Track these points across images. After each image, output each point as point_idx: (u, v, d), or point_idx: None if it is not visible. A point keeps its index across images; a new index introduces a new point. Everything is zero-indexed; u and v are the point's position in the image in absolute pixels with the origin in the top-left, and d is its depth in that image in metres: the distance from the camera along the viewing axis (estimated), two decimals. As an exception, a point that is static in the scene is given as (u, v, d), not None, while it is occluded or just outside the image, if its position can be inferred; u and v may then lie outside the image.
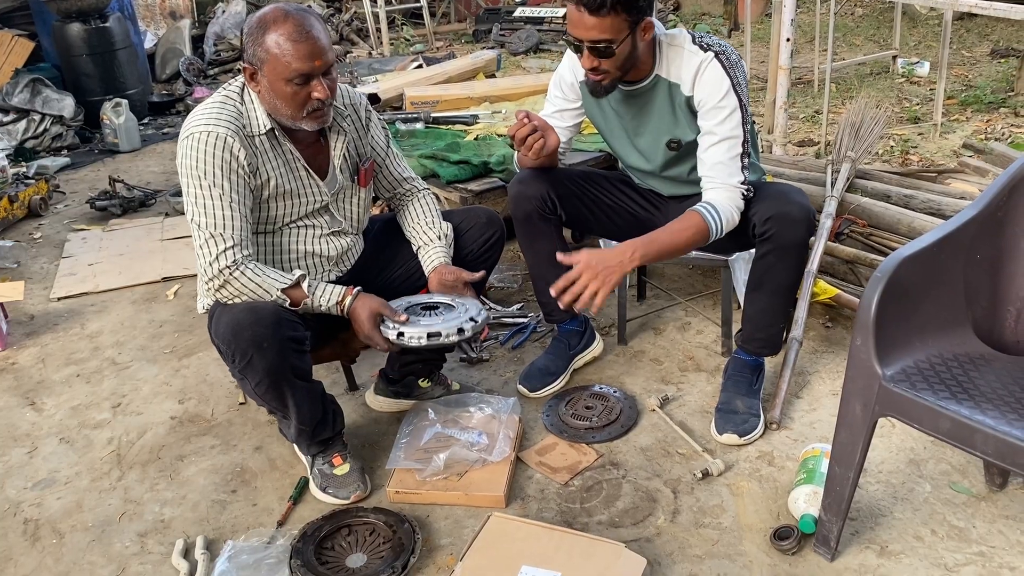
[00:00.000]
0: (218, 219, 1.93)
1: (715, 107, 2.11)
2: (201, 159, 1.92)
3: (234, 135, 1.93)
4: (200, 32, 7.42)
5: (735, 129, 2.11)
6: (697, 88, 2.14)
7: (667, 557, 1.88)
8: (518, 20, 7.67)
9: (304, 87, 1.91)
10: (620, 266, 2.03)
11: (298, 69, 1.88)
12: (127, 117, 5.25)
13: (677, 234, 2.11)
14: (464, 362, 2.68)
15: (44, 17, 5.80)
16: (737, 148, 2.12)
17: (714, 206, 2.12)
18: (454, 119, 3.83)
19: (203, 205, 1.93)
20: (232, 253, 1.92)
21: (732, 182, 2.13)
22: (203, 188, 1.93)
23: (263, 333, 1.88)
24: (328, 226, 2.15)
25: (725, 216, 2.12)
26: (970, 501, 1.97)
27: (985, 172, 3.38)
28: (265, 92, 1.94)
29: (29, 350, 2.97)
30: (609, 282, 2.00)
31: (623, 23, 2.01)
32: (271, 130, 2.00)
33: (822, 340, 2.66)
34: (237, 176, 1.95)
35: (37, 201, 4.23)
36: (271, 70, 1.90)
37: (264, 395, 1.98)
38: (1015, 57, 5.67)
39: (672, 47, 2.16)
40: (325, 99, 1.93)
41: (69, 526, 2.10)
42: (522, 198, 2.35)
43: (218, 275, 1.92)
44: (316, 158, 2.10)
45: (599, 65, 2.09)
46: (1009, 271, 1.84)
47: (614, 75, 2.12)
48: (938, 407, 1.55)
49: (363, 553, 1.92)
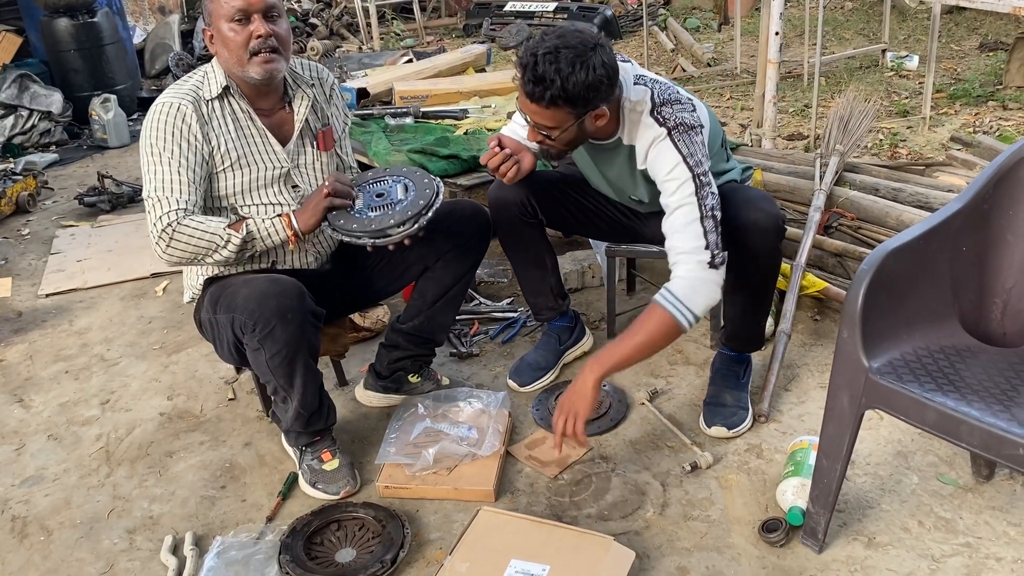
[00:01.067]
0: (165, 183, 1.95)
1: (665, 180, 2.02)
2: (154, 128, 1.97)
3: (189, 103, 1.98)
4: (189, 27, 7.37)
5: (688, 197, 1.98)
6: (649, 163, 2.07)
7: (656, 550, 1.88)
8: (508, 15, 7.66)
9: (245, 26, 1.95)
10: (583, 393, 1.97)
11: (236, 6, 1.93)
12: (116, 113, 5.23)
13: (641, 341, 1.98)
14: (454, 357, 2.68)
15: (32, 12, 5.76)
16: (694, 213, 1.97)
17: (675, 295, 1.96)
18: (444, 114, 3.82)
19: (152, 172, 1.96)
20: (176, 213, 1.93)
21: (692, 247, 1.97)
22: (154, 155, 1.96)
23: (288, 304, 1.91)
24: (293, 198, 2.13)
25: (690, 301, 1.95)
26: (957, 492, 1.98)
27: (973, 165, 3.40)
28: (219, 47, 1.99)
29: (17, 347, 2.96)
30: (583, 409, 1.96)
31: (566, 115, 1.94)
32: (225, 89, 2.03)
33: (810, 333, 2.67)
34: (188, 143, 1.98)
35: (25, 197, 4.21)
36: (216, 17, 1.97)
37: (276, 368, 1.97)
38: (1003, 51, 5.69)
39: (633, 113, 2.06)
40: (266, 36, 1.96)
41: (57, 523, 2.10)
42: (502, 204, 2.34)
43: (163, 234, 1.93)
44: (282, 128, 2.12)
45: (541, 142, 2.04)
46: (995, 263, 1.85)
47: (561, 149, 2.07)
48: (924, 399, 1.56)
49: (352, 548, 1.92)
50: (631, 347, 1.98)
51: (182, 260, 1.97)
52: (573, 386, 2.01)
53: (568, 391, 2.02)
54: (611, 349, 2.01)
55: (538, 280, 2.48)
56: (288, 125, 2.13)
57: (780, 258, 2.21)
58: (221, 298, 2.00)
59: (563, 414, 1.99)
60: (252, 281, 1.96)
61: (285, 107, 2.13)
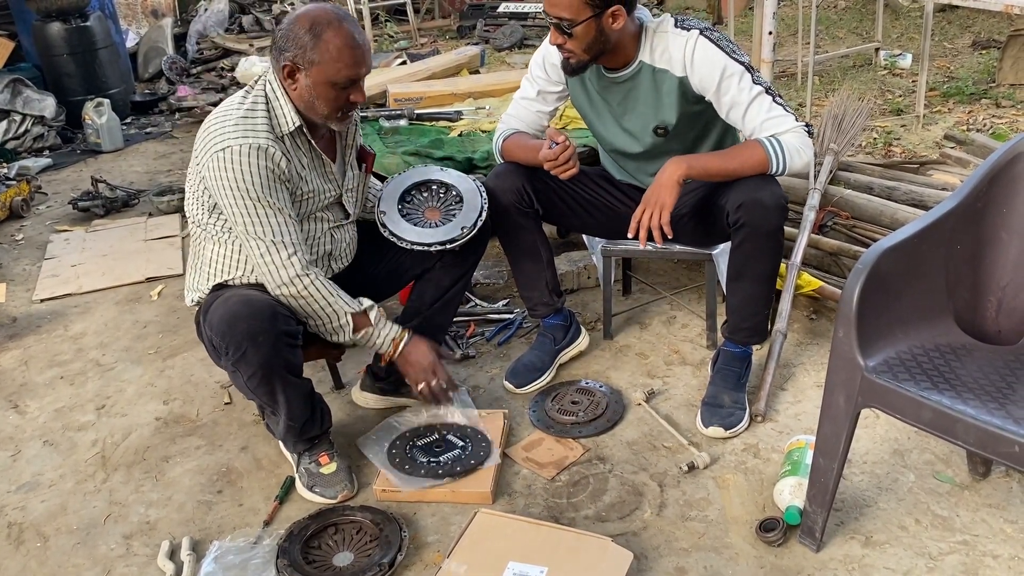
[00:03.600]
0: (275, 227, 1.97)
1: (722, 80, 2.13)
2: (247, 172, 1.93)
3: (274, 144, 1.96)
4: (183, 31, 7.36)
5: (753, 88, 2.13)
6: (692, 70, 2.15)
7: (654, 551, 1.88)
8: (502, 16, 7.65)
9: (346, 91, 1.98)
10: (671, 182, 2.09)
11: (349, 76, 1.95)
12: (109, 117, 5.21)
13: (731, 162, 2.14)
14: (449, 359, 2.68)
15: (24, 16, 5.73)
16: (767, 100, 2.13)
17: (778, 139, 2.11)
18: (438, 115, 3.82)
19: (259, 215, 1.96)
20: (298, 259, 1.98)
21: (790, 124, 2.13)
22: (251, 199, 1.95)
23: (258, 326, 1.89)
24: (335, 219, 2.17)
25: (789, 149, 2.11)
26: (953, 490, 1.99)
27: (967, 163, 3.41)
28: (304, 90, 1.98)
29: (11, 352, 2.95)
30: (669, 200, 2.08)
31: (583, 5, 2.05)
32: (299, 127, 2.02)
33: (806, 332, 2.67)
34: (281, 183, 1.99)
35: (19, 202, 4.19)
36: (320, 72, 1.94)
37: (256, 389, 1.98)
38: (996, 48, 5.70)
39: (657, 33, 2.19)
40: (360, 104, 2.02)
41: (54, 529, 2.09)
42: (499, 192, 2.35)
43: (292, 281, 1.97)
44: (327, 152, 2.14)
45: (563, 43, 2.13)
46: (989, 261, 1.85)
47: (580, 56, 2.15)
48: (920, 397, 1.56)
49: (350, 551, 1.91)
50: (719, 163, 2.14)
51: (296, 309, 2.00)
52: (658, 180, 2.11)
53: (652, 186, 2.12)
54: (701, 157, 2.16)
55: (533, 273, 2.48)
56: (331, 150, 2.16)
57: (782, 241, 2.22)
58: (207, 310, 2.00)
59: (648, 206, 2.10)
60: (228, 300, 1.95)
61: (329, 131, 2.15)
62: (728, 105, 2.16)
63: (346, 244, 2.23)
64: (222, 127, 1.96)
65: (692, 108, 2.24)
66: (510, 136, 2.42)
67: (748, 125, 2.16)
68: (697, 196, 2.32)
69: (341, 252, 2.22)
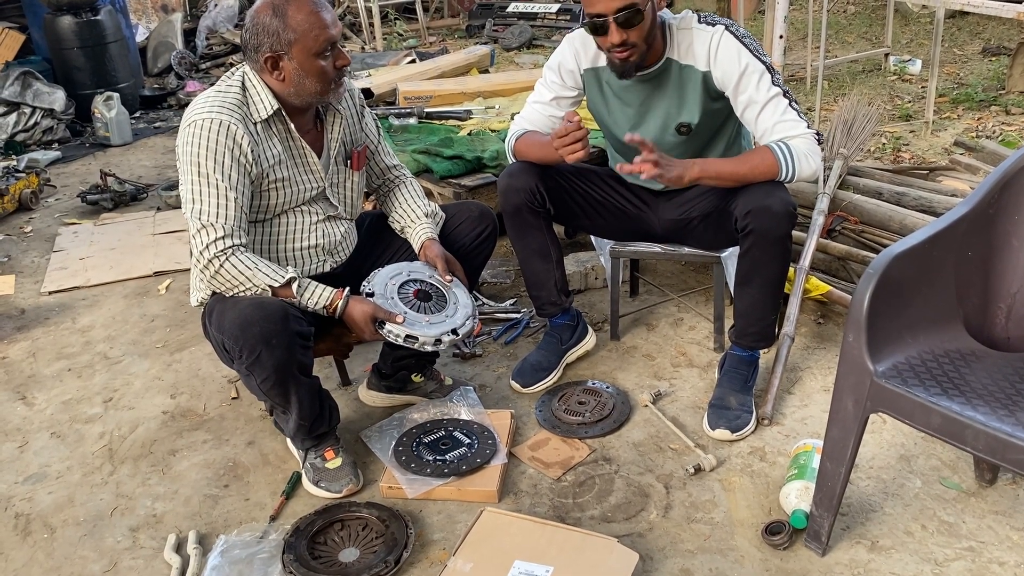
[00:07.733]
0: (213, 207, 1.93)
1: (743, 76, 2.14)
2: (203, 146, 1.92)
3: (238, 122, 1.95)
4: (192, 26, 7.39)
5: (771, 89, 2.14)
6: (715, 64, 2.16)
7: (659, 552, 1.88)
8: (511, 15, 7.66)
9: (330, 58, 1.97)
10: (681, 170, 2.11)
11: (327, 38, 1.95)
12: (118, 111, 5.23)
13: (740, 162, 2.16)
14: (457, 357, 2.68)
15: (35, 9, 5.77)
16: (783, 103, 2.15)
17: (788, 144, 2.13)
18: (447, 114, 3.83)
19: (199, 192, 1.94)
20: (224, 242, 1.93)
21: (801, 129, 2.15)
22: (201, 176, 1.93)
23: (272, 329, 1.89)
24: (324, 211, 2.16)
25: (798, 154, 2.13)
26: (960, 497, 1.99)
27: (976, 170, 3.40)
28: (293, 75, 1.97)
29: (20, 344, 2.96)
30: (666, 171, 2.08)
31: None
32: (276, 112, 2.01)
33: (814, 336, 2.67)
34: (239, 164, 1.96)
35: (28, 195, 4.21)
36: (300, 48, 1.94)
37: (269, 391, 1.98)
38: (1006, 55, 5.69)
39: (681, 29, 2.19)
40: (347, 66, 2.01)
41: (60, 521, 2.10)
42: (511, 191, 2.35)
43: (209, 264, 1.93)
44: (314, 145, 2.12)
45: (627, 38, 2.08)
46: (1000, 268, 1.85)
47: (641, 48, 2.12)
48: (929, 403, 1.56)
49: (356, 548, 1.92)
50: (731, 168, 2.17)
51: (224, 290, 1.97)
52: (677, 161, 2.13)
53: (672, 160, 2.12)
54: (713, 161, 2.20)
55: (542, 272, 2.48)
56: (318, 142, 2.14)
57: (790, 247, 2.22)
58: (215, 313, 1.99)
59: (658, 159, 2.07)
60: (239, 303, 1.93)
61: (317, 125, 2.14)
62: (744, 103, 2.17)
63: (339, 238, 2.20)
64: (195, 105, 1.98)
65: (713, 106, 2.24)
66: (523, 135, 2.42)
67: (761, 125, 2.16)
68: (707, 200, 2.32)
69: (334, 246, 2.19)
